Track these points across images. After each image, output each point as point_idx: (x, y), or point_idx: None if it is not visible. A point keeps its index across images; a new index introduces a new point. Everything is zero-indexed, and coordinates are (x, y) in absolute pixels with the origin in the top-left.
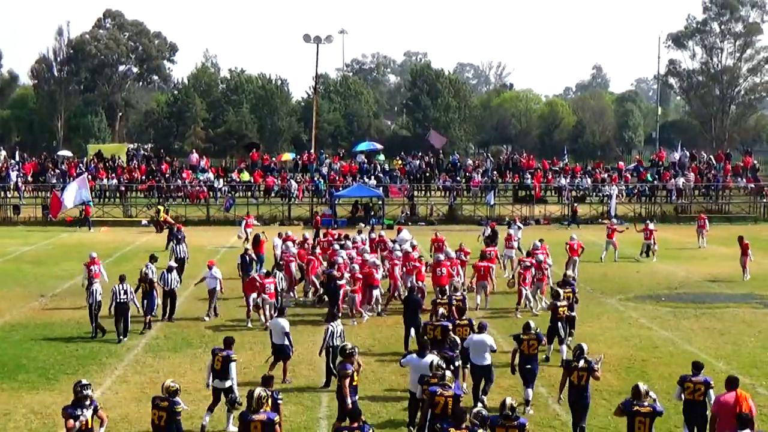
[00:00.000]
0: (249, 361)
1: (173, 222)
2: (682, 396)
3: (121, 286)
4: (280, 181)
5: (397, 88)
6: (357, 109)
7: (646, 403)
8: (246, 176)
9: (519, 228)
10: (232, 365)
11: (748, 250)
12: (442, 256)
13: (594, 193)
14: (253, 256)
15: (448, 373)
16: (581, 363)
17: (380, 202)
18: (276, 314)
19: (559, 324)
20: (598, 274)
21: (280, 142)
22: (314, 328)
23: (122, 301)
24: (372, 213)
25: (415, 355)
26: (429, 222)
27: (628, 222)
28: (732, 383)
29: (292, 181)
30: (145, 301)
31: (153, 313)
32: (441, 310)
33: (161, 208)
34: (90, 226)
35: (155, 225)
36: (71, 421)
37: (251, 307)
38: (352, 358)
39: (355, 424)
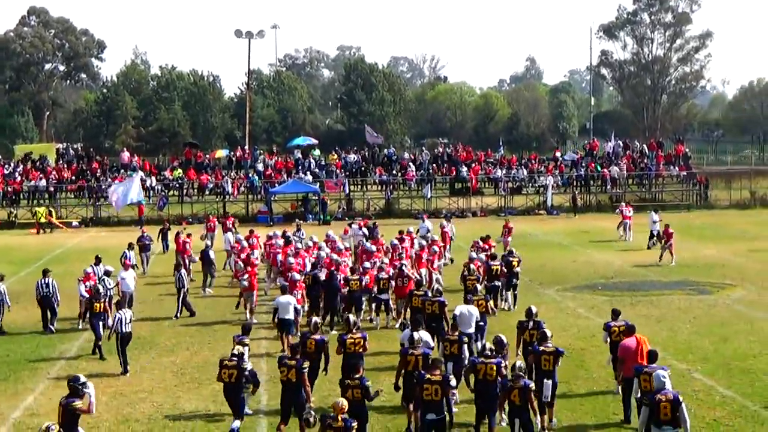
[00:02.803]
0: (185, 361)
1: (58, 224)
2: (608, 339)
3: (43, 280)
4: (214, 179)
5: (331, 82)
6: (291, 104)
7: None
8: (178, 174)
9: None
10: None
11: (671, 239)
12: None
13: (530, 184)
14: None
15: (418, 334)
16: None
17: (317, 198)
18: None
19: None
20: (535, 264)
21: (213, 139)
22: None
23: (45, 294)
24: (311, 209)
25: (408, 331)
26: (366, 216)
27: (564, 211)
28: (630, 329)
29: (227, 179)
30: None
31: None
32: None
33: (40, 210)
34: (142, 224)
35: (39, 226)
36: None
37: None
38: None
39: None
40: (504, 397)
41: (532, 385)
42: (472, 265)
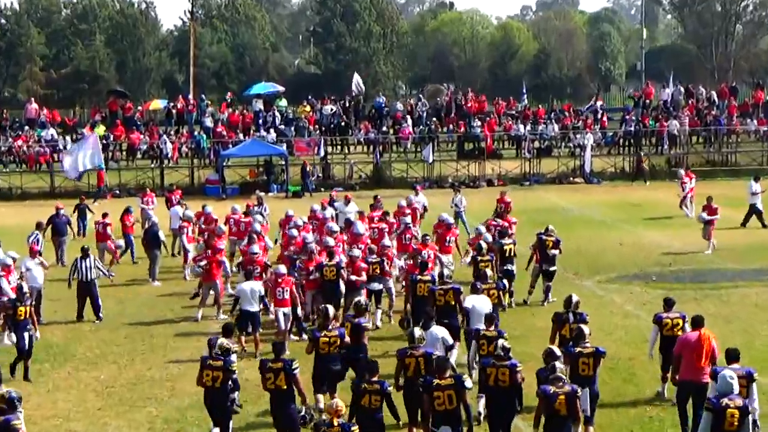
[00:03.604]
0: (112, 377)
1: None
2: (658, 335)
3: None
4: (148, 138)
5: (301, 11)
6: (249, 39)
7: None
8: (101, 131)
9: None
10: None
11: (715, 215)
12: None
13: (563, 144)
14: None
15: (420, 331)
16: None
17: (283, 163)
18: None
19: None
20: (570, 248)
21: (146, 85)
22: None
23: None
24: (274, 177)
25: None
26: (349, 186)
27: (606, 180)
28: (697, 322)
29: (165, 138)
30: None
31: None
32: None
33: None
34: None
35: None
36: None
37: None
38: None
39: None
40: (544, 408)
41: (581, 391)
42: (482, 243)
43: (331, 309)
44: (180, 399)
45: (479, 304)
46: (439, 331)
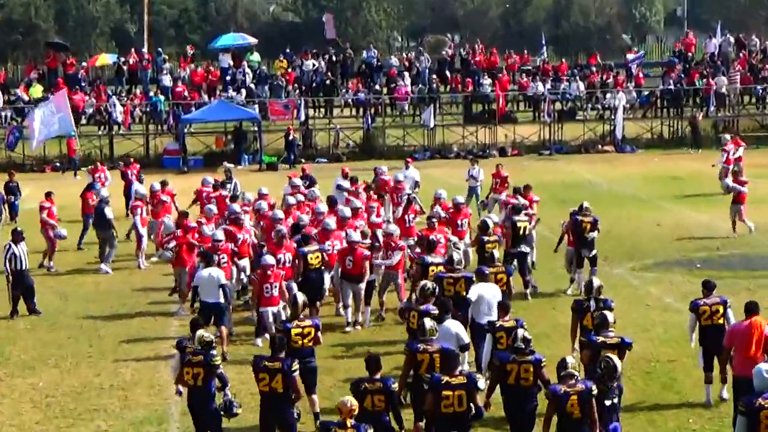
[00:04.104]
0: (53, 384)
1: None
2: (697, 324)
3: None
4: (94, 100)
5: None
6: None
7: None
8: (38, 91)
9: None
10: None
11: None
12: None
13: (589, 106)
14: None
15: (431, 323)
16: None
17: (256, 129)
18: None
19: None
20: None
21: (92, 36)
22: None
23: None
24: (245, 146)
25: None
26: (334, 157)
27: (642, 148)
28: (750, 309)
29: (114, 99)
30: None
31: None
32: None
33: None
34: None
35: None
36: None
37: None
38: None
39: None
40: (554, 410)
41: (595, 388)
42: (489, 221)
43: (300, 296)
44: (134, 411)
45: (487, 293)
46: (454, 326)
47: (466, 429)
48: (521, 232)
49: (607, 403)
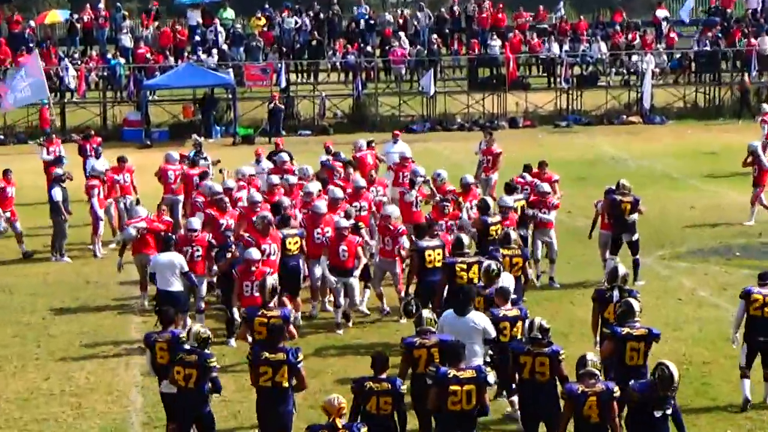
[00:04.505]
0: None
1: None
2: (745, 313)
3: None
4: (43, 63)
5: None
6: None
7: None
8: None
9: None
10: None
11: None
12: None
13: (612, 70)
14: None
15: (430, 314)
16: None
17: (230, 97)
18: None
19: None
20: None
21: None
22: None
23: None
24: (216, 116)
25: (452, 311)
26: (320, 129)
27: (673, 118)
28: None
29: (67, 63)
30: None
31: None
32: None
33: None
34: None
35: None
36: None
37: None
38: None
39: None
40: (570, 412)
41: (617, 390)
42: (489, 200)
43: (270, 279)
44: (88, 420)
45: (505, 281)
46: (480, 319)
47: (472, 429)
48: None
49: (657, 414)
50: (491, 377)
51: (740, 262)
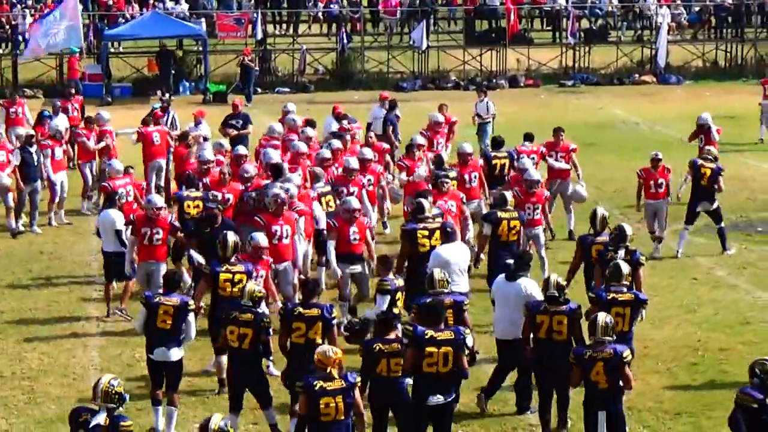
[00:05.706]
0: None
1: None
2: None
3: None
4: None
5: None
6: None
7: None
8: None
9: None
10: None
11: None
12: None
13: (624, 24)
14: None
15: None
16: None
17: (200, 49)
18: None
19: None
20: (635, 185)
21: None
22: None
23: None
24: (185, 71)
25: (503, 277)
26: (300, 86)
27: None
28: None
29: (22, 11)
30: None
31: None
32: None
33: None
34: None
35: None
36: None
37: None
38: None
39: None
40: (579, 377)
41: (628, 353)
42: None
43: (231, 236)
44: (42, 406)
45: (454, 256)
46: (530, 286)
47: (451, 393)
48: (496, 170)
49: None
50: (469, 340)
51: (762, 238)
